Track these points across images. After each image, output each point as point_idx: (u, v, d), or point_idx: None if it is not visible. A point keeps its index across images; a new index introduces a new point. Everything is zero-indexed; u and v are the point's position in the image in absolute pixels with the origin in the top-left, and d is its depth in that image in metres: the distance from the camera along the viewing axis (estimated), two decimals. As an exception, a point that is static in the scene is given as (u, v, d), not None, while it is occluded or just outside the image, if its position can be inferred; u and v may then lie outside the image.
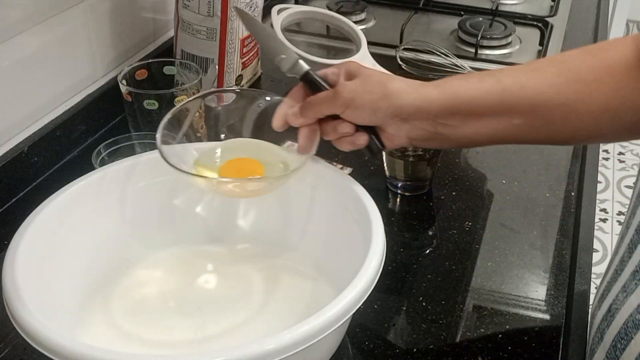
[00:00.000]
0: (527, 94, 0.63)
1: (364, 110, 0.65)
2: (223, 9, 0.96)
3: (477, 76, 0.66)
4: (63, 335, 0.51)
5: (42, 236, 0.62)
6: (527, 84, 0.63)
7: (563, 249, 0.79)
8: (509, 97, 0.63)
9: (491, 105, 0.64)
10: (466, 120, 0.65)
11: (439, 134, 0.66)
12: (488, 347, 0.67)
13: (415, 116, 0.65)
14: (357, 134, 0.67)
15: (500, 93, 0.64)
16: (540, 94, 0.63)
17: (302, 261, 0.72)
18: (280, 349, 0.50)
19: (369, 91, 0.65)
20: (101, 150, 0.79)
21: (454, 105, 0.64)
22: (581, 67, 0.63)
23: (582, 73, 0.62)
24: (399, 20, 1.28)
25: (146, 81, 0.89)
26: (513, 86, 0.63)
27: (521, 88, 0.63)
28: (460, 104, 0.64)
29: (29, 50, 0.85)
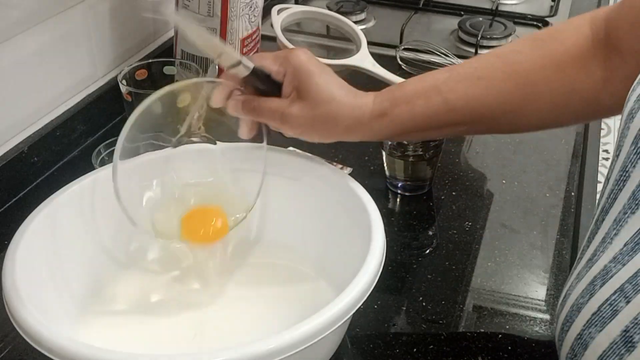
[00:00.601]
0: (471, 106, 0.64)
1: (311, 138, 0.67)
2: (223, 9, 0.96)
3: (424, 96, 0.65)
4: (63, 335, 0.51)
5: (42, 236, 0.62)
6: (471, 97, 0.64)
7: (563, 249, 0.79)
8: (455, 113, 0.65)
9: (437, 123, 0.66)
10: (410, 135, 0.69)
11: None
12: (488, 347, 0.67)
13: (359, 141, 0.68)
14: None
15: (446, 112, 0.65)
16: (484, 105, 0.64)
17: (302, 261, 0.72)
18: (280, 349, 0.50)
19: (318, 128, 0.66)
20: (101, 150, 0.79)
21: (402, 134, 0.68)
22: (529, 68, 0.63)
23: (530, 75, 0.62)
24: (399, 20, 1.28)
25: (146, 81, 0.89)
26: (458, 102, 0.64)
27: (466, 102, 0.64)
28: (408, 131, 0.67)
29: (29, 50, 0.85)
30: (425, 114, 0.65)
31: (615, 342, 0.44)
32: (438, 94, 0.65)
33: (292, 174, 0.71)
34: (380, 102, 0.66)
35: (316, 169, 0.70)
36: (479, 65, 0.66)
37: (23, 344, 0.52)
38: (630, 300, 0.44)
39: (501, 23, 1.27)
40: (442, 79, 0.66)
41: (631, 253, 0.45)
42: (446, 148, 0.92)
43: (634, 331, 0.43)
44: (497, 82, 0.64)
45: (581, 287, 0.49)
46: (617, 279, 0.45)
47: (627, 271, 0.45)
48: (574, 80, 0.61)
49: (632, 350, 0.43)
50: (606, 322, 0.45)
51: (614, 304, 0.45)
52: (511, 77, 0.63)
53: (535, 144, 0.97)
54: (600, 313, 0.46)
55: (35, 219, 0.62)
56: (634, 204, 0.46)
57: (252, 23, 1.03)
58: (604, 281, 0.47)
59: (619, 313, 0.44)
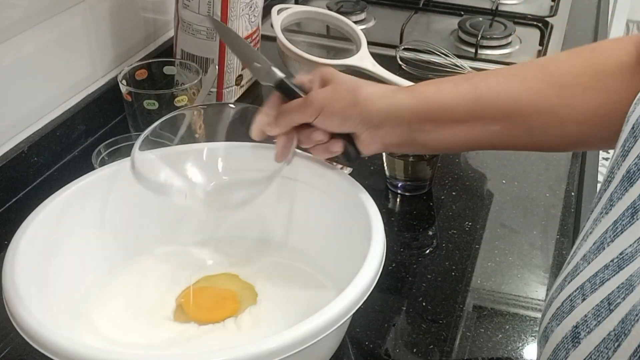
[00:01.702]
0: (502, 100, 0.62)
1: (334, 118, 0.64)
2: (223, 9, 0.96)
3: (452, 81, 0.64)
4: (63, 335, 0.51)
5: (42, 236, 0.62)
6: (503, 90, 0.62)
7: (563, 249, 0.79)
8: (484, 104, 0.62)
9: (465, 111, 0.63)
10: (440, 126, 0.64)
11: (413, 139, 0.65)
12: (488, 347, 0.67)
13: (387, 122, 0.64)
14: (332, 141, 0.66)
15: (474, 99, 0.62)
16: (517, 100, 0.61)
17: (302, 261, 0.72)
18: (280, 349, 0.50)
19: (339, 99, 0.64)
20: (101, 150, 0.79)
21: (426, 111, 0.63)
22: (566, 71, 0.61)
23: (567, 77, 0.60)
24: (399, 20, 1.28)
25: (146, 81, 0.89)
26: (489, 92, 0.62)
27: (497, 94, 0.62)
28: (433, 109, 0.63)
29: (29, 50, 0.85)
30: (452, 95, 0.62)
31: (566, 336, 0.45)
32: (466, 81, 0.63)
33: (292, 174, 0.71)
34: (405, 87, 0.66)
35: (316, 169, 0.70)
36: (512, 67, 0.65)
37: (23, 344, 0.52)
38: (586, 298, 0.44)
39: (501, 23, 1.27)
40: (473, 74, 0.65)
41: (596, 252, 0.46)
42: (446, 148, 0.92)
43: (582, 328, 0.44)
44: (531, 79, 0.61)
45: (557, 282, 0.50)
46: (581, 277, 0.46)
47: (590, 270, 0.45)
48: (612, 92, 0.58)
49: (577, 346, 0.44)
50: (564, 317, 0.46)
51: (574, 300, 0.46)
52: (545, 78, 0.61)
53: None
54: (562, 307, 0.47)
55: (35, 219, 0.62)
56: (609, 204, 0.46)
57: (252, 23, 1.03)
58: (572, 277, 0.47)
59: (574, 309, 0.45)
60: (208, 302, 0.69)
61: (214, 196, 0.68)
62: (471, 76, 0.64)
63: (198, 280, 0.71)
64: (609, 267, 0.44)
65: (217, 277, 0.71)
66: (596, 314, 0.43)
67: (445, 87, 0.64)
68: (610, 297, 0.43)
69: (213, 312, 0.67)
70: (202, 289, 0.70)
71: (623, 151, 0.47)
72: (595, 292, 0.44)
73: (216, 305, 0.68)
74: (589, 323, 0.43)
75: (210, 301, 0.69)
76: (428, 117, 0.64)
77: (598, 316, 0.43)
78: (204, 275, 0.71)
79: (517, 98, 0.61)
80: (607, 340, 0.41)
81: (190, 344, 0.64)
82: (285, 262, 0.73)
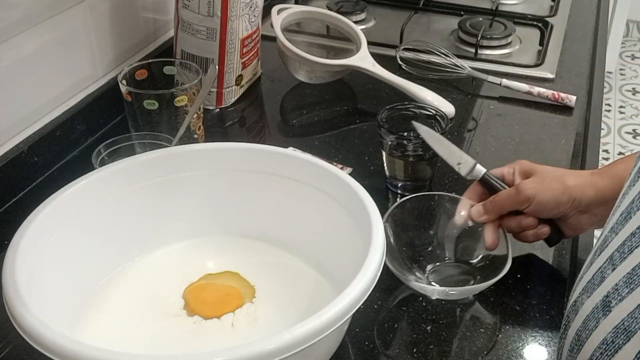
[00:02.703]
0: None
1: (547, 205, 0.71)
2: (223, 9, 0.96)
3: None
4: (63, 335, 0.51)
5: (42, 236, 0.62)
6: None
7: (563, 249, 0.79)
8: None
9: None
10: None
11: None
12: (488, 347, 0.67)
13: (592, 207, 0.70)
14: (540, 226, 0.73)
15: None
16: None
17: (302, 261, 0.72)
18: (280, 349, 0.50)
19: (550, 188, 0.71)
20: (101, 150, 0.79)
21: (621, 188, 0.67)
22: None
23: None
24: (399, 20, 1.28)
25: (146, 81, 0.89)
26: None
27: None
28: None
29: (29, 50, 0.85)
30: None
31: (596, 306, 0.46)
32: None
33: (292, 174, 0.71)
34: (599, 171, 0.74)
35: (316, 169, 0.70)
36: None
37: (23, 344, 0.52)
38: (616, 267, 0.45)
39: (501, 23, 1.27)
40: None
41: (623, 222, 0.47)
42: (446, 148, 0.92)
43: (613, 297, 0.44)
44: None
45: (588, 259, 0.51)
46: (609, 248, 0.47)
47: (618, 240, 0.46)
48: None
49: (608, 314, 0.44)
50: (595, 289, 0.47)
51: (604, 272, 0.46)
52: None
53: (535, 144, 0.97)
54: (592, 280, 0.48)
55: (35, 219, 0.62)
56: (637, 176, 0.47)
57: (252, 23, 1.03)
58: (601, 250, 0.48)
59: (605, 280, 0.46)
60: (213, 297, 0.69)
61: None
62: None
63: (199, 278, 0.71)
64: (636, 235, 0.45)
65: (218, 275, 0.71)
66: (628, 281, 0.43)
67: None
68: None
69: (218, 307, 0.67)
70: (206, 285, 0.70)
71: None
72: (624, 260, 0.45)
73: (221, 300, 0.68)
74: (621, 291, 0.44)
75: (215, 297, 0.69)
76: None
77: (630, 284, 0.43)
78: (205, 274, 0.71)
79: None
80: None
81: (190, 344, 0.64)
82: (285, 262, 0.73)
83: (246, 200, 0.74)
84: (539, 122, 1.03)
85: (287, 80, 1.12)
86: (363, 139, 0.98)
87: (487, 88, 1.11)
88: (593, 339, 0.45)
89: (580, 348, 0.47)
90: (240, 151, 0.73)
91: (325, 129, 1.02)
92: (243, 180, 0.73)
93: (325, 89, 1.11)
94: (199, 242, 0.75)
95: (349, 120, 1.04)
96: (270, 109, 1.10)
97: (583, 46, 1.25)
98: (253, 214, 0.75)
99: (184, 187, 0.73)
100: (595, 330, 0.45)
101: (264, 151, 0.73)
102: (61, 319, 0.61)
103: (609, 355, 0.44)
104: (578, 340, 0.48)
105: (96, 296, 0.68)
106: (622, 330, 0.43)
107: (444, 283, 0.73)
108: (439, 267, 0.75)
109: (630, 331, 0.42)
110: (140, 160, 0.71)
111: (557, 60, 1.18)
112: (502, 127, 1.02)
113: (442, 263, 0.76)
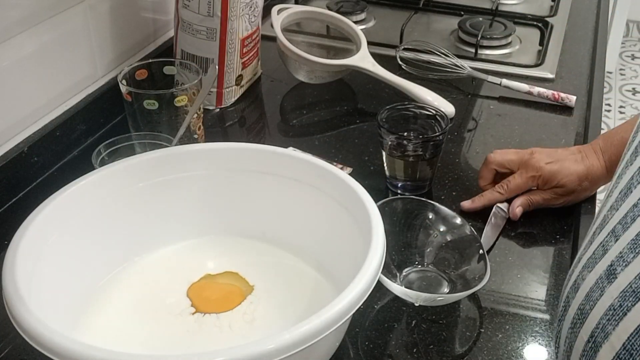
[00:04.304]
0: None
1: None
2: (223, 9, 0.96)
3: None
4: (63, 335, 0.51)
5: (42, 236, 0.62)
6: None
7: (563, 249, 0.79)
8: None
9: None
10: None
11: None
12: (488, 347, 0.67)
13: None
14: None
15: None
16: None
17: (302, 261, 0.72)
18: (280, 349, 0.50)
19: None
20: (101, 150, 0.79)
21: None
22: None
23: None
24: (399, 20, 1.28)
25: (146, 81, 0.89)
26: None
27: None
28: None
29: (29, 50, 0.85)
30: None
31: (600, 277, 0.46)
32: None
33: (292, 174, 0.71)
34: (609, 159, 0.81)
35: (316, 169, 0.70)
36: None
37: (23, 344, 0.52)
38: (619, 238, 0.45)
39: (501, 23, 1.27)
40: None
41: (624, 198, 0.47)
42: (446, 148, 0.92)
43: (617, 264, 0.44)
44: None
45: (586, 239, 0.51)
46: (610, 223, 0.47)
47: (619, 214, 0.46)
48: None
49: (613, 281, 0.44)
50: (597, 262, 0.47)
51: (606, 245, 0.46)
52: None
53: (535, 144, 0.97)
54: (594, 255, 0.48)
55: (35, 219, 0.62)
56: (634, 155, 0.48)
57: (252, 23, 1.03)
58: (602, 228, 0.48)
59: (607, 252, 0.46)
60: (216, 294, 0.69)
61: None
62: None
63: (200, 278, 0.71)
64: (638, 205, 0.45)
65: (218, 275, 0.71)
66: (632, 247, 0.43)
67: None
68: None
69: (221, 304, 0.68)
70: (208, 284, 0.70)
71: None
72: (627, 230, 0.45)
73: (224, 297, 0.69)
74: (625, 257, 0.44)
75: (217, 294, 0.69)
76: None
77: (635, 248, 0.43)
78: (205, 274, 0.71)
79: None
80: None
81: (190, 344, 0.64)
82: (285, 262, 0.73)
83: (246, 200, 0.74)
84: (539, 122, 1.03)
85: (287, 80, 1.12)
86: (363, 139, 0.98)
87: (487, 88, 1.11)
88: (598, 308, 0.45)
89: (584, 321, 0.47)
90: (240, 151, 0.73)
91: (325, 129, 1.02)
92: (243, 180, 0.73)
93: (325, 89, 1.11)
94: (199, 242, 0.75)
95: (349, 120, 1.04)
96: (270, 109, 1.10)
97: (583, 46, 1.25)
98: (253, 214, 0.75)
99: (184, 187, 0.73)
100: (601, 298, 0.45)
101: (264, 151, 0.73)
102: (61, 319, 0.61)
103: (617, 319, 0.43)
104: (581, 314, 0.47)
105: (96, 296, 0.68)
106: (629, 293, 0.43)
107: (418, 288, 0.72)
108: (412, 272, 0.75)
109: (639, 292, 0.42)
110: (140, 160, 0.71)
111: (557, 60, 1.18)
112: (502, 127, 1.02)
113: (416, 268, 0.75)
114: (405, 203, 0.79)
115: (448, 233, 0.76)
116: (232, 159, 0.73)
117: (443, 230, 0.77)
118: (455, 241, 0.75)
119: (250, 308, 0.68)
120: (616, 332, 0.43)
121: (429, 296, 0.70)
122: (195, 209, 0.74)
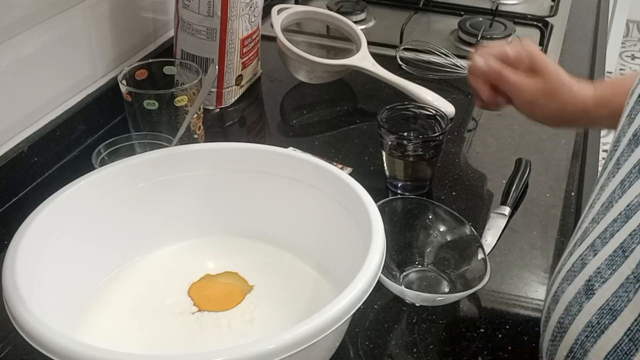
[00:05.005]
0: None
1: (535, 111, 0.79)
2: (223, 9, 0.96)
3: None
4: (63, 335, 0.51)
5: (42, 236, 0.62)
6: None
7: (563, 249, 0.79)
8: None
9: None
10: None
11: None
12: (488, 347, 0.67)
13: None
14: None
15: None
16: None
17: (302, 261, 0.72)
18: (280, 349, 0.50)
19: (546, 101, 0.76)
20: (101, 150, 0.79)
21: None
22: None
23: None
24: (399, 20, 1.28)
25: (146, 81, 0.89)
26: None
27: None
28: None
29: (29, 50, 0.85)
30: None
31: (579, 292, 0.46)
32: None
33: (292, 174, 0.71)
34: (602, 92, 0.75)
35: (316, 169, 0.70)
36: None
37: (23, 344, 0.52)
38: (597, 253, 0.45)
39: (501, 23, 1.27)
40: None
41: (605, 212, 0.47)
42: (446, 148, 0.92)
43: (595, 280, 0.44)
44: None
45: (567, 250, 0.51)
46: (590, 237, 0.47)
47: (599, 228, 0.47)
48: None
49: (591, 297, 0.44)
50: (576, 275, 0.47)
51: (584, 259, 0.47)
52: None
53: (535, 144, 0.97)
54: (573, 268, 0.48)
55: (35, 219, 0.62)
56: (616, 168, 0.49)
57: (252, 23, 1.03)
58: (582, 241, 0.49)
59: (586, 266, 0.46)
60: (217, 294, 0.69)
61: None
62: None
63: (200, 278, 0.71)
64: (618, 220, 0.45)
65: (218, 275, 0.71)
66: (610, 263, 0.44)
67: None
68: (624, 245, 0.43)
69: (223, 303, 0.68)
70: (208, 284, 0.70)
71: (629, 119, 0.49)
72: (606, 245, 0.45)
73: (225, 296, 0.69)
74: (603, 273, 0.44)
75: (218, 293, 0.69)
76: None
77: (612, 265, 0.43)
78: (205, 274, 0.71)
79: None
80: (625, 284, 0.42)
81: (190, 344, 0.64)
82: (285, 262, 0.73)
83: (246, 200, 0.74)
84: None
85: (287, 80, 1.12)
86: (363, 139, 0.98)
87: (487, 88, 1.11)
88: (577, 323, 0.45)
89: (564, 335, 0.47)
90: (240, 151, 0.73)
91: (325, 129, 1.02)
92: (243, 180, 0.73)
93: (325, 89, 1.11)
94: (198, 242, 0.75)
95: (349, 120, 1.04)
96: (270, 109, 1.10)
97: (583, 46, 1.25)
98: (253, 214, 0.75)
99: (184, 187, 0.73)
100: (579, 314, 0.45)
101: (264, 151, 0.73)
102: (61, 319, 0.61)
103: (595, 337, 0.44)
104: (560, 327, 0.48)
105: (96, 296, 0.68)
106: (607, 310, 0.43)
107: (418, 288, 0.72)
108: (412, 272, 0.75)
109: (615, 310, 0.42)
110: (140, 160, 0.71)
111: (557, 60, 1.18)
112: (502, 127, 1.02)
113: (416, 268, 0.75)
114: (405, 203, 0.79)
115: (448, 233, 0.76)
116: (232, 159, 0.73)
117: (443, 230, 0.77)
118: (455, 241, 0.75)
119: (250, 308, 0.68)
120: (594, 349, 0.43)
121: (428, 296, 0.70)
122: (195, 209, 0.74)
